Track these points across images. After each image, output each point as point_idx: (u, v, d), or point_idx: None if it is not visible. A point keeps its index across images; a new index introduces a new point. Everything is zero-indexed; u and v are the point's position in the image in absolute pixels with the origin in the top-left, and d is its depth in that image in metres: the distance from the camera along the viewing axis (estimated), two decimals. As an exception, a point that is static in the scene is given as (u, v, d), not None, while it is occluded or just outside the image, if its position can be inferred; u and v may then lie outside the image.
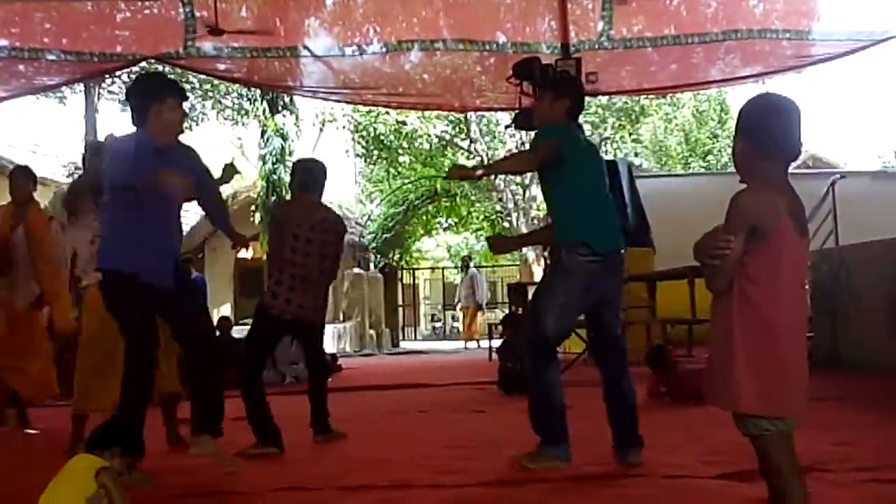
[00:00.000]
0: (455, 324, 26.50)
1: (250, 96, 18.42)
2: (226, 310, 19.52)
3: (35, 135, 26.50)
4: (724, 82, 8.80)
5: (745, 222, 2.32)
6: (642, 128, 25.85)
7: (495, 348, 8.92)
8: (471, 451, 4.62)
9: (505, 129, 21.22)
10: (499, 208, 22.93)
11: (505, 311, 14.52)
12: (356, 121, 22.70)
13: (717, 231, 2.35)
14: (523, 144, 18.23)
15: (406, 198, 23.10)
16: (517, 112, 6.92)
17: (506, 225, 21.85)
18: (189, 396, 4.35)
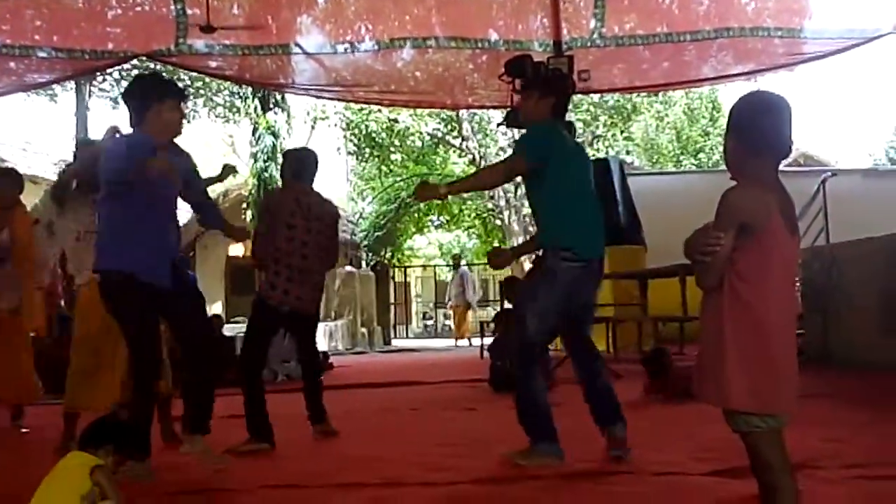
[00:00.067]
0: (447, 322, 26.45)
1: (242, 94, 18.38)
2: (217, 308, 19.42)
3: (26, 132, 26.33)
4: (715, 80, 8.81)
5: (735, 219, 2.32)
6: (634, 125, 25.85)
7: (486, 346, 8.91)
8: (462, 449, 4.62)
9: (497, 126, 21.22)
10: (490, 206, 22.96)
11: (497, 309, 14.52)
12: (348, 118, 22.68)
13: (707, 228, 2.35)
14: (515, 142, 18.19)
15: (398, 195, 23.11)
16: (509, 110, 6.91)
17: (497, 222, 21.87)
18: (181, 394, 4.34)
